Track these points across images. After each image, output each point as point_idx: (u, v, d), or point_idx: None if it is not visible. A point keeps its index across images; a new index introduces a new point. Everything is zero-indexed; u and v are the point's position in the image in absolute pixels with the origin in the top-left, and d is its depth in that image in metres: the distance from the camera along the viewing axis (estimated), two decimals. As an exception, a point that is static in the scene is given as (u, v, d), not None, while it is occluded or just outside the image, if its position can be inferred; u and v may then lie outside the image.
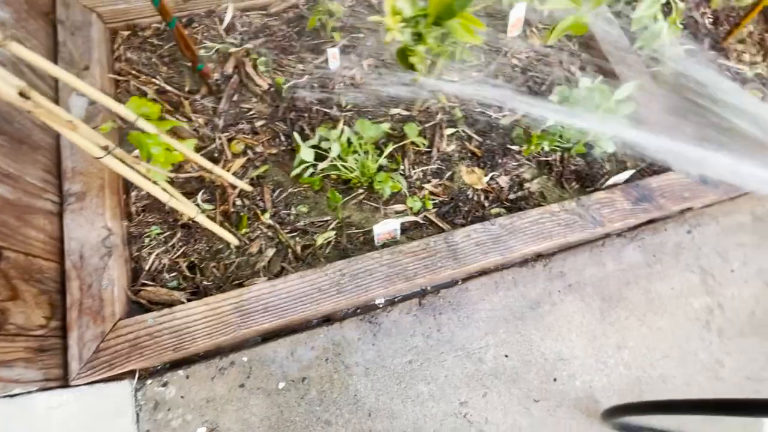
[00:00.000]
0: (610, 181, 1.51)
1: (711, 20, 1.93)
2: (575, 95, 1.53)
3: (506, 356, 1.47)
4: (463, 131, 1.62)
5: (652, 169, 1.63)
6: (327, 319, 1.44)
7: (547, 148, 1.54)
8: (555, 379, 1.47)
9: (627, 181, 1.53)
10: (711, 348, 1.60)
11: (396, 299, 1.49)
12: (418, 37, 1.19)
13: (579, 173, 1.60)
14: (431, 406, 1.38)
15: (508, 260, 1.33)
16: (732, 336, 1.63)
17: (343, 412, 1.34)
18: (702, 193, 1.48)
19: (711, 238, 1.79)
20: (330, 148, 1.40)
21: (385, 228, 1.26)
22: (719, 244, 1.78)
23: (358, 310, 1.45)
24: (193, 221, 1.24)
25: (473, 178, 1.45)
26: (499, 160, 1.53)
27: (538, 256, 1.65)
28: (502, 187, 1.48)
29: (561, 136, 1.59)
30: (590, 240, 1.69)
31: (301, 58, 1.69)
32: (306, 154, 1.39)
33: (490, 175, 1.49)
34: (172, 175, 1.40)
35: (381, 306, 1.46)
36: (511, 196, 1.47)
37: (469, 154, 1.55)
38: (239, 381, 1.33)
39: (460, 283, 1.55)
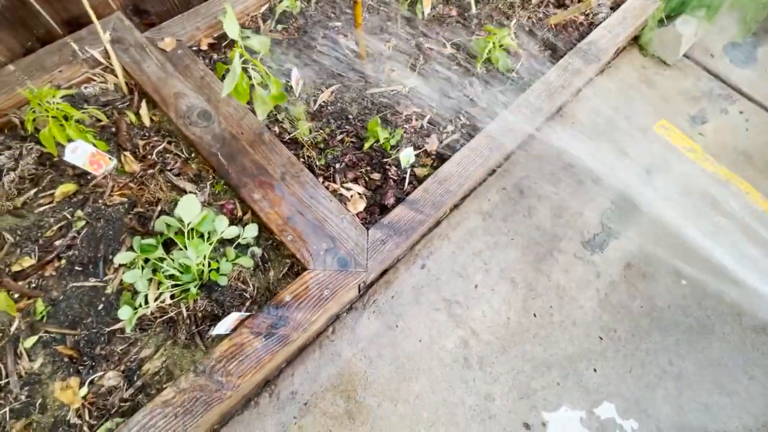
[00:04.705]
0: (219, 330, 1.18)
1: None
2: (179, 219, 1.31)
3: None
4: (49, 331, 1.23)
5: (293, 271, 1.37)
6: None
7: (169, 300, 1.26)
8: None
9: (256, 310, 1.27)
10: (476, 386, 1.49)
11: None
12: None
13: (212, 315, 1.27)
14: None
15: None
16: (494, 359, 1.54)
17: None
18: (343, 279, 1.28)
19: (446, 262, 1.70)
20: None
21: None
22: (456, 264, 1.70)
23: None
24: None
25: (68, 395, 1.12)
26: (102, 351, 1.19)
27: (266, 383, 1.41)
28: (112, 388, 1.15)
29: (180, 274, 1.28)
30: (316, 335, 1.50)
31: None
32: None
33: (90, 379, 1.17)
34: None
35: None
36: (127, 394, 1.17)
37: (66, 360, 1.17)
38: None
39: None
